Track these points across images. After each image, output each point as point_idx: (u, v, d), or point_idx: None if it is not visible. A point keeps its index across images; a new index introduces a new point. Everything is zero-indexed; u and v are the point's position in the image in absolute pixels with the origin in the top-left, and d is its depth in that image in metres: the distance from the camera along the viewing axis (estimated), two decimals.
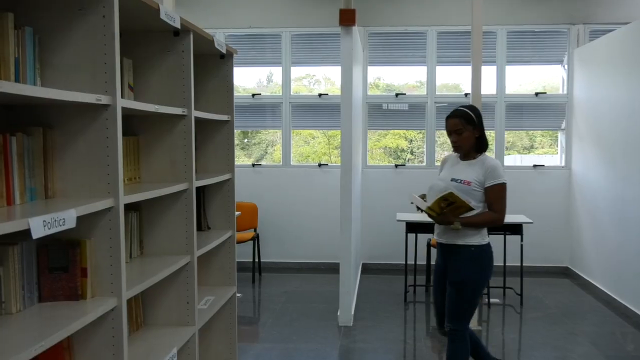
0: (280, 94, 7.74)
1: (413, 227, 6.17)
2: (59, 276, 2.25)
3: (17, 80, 2.09)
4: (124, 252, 2.39)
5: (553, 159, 8.09)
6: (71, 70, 2.29)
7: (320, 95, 7.70)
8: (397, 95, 7.68)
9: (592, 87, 6.96)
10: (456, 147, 3.57)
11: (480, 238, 3.55)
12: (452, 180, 3.51)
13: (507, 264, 6.46)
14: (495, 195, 3.47)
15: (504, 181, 3.46)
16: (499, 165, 3.50)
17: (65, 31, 2.27)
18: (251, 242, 7.12)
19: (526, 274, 6.91)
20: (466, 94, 7.56)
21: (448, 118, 3.55)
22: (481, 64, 5.21)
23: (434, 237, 3.71)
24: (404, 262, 6.33)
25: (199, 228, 3.63)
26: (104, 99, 2.25)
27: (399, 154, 8.25)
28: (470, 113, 3.52)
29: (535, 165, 7.66)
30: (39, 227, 1.82)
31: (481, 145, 3.56)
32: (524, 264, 6.34)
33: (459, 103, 7.66)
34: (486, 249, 3.58)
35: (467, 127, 3.50)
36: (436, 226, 3.63)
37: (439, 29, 7.56)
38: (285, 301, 6.26)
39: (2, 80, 1.98)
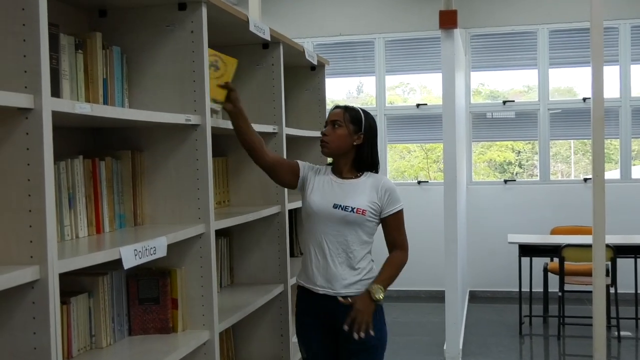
0: (374, 105, 7.73)
1: (527, 250, 5.96)
2: (149, 308, 2.31)
3: (105, 102, 2.18)
4: (216, 281, 2.42)
5: None
6: (158, 90, 2.36)
7: (418, 105, 7.63)
8: (504, 102, 7.50)
9: None
10: (322, 144, 2.84)
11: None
12: (336, 207, 2.77)
13: (639, 292, 6.11)
14: (398, 225, 2.87)
15: (402, 205, 2.87)
16: (395, 186, 2.89)
17: (153, 49, 2.35)
18: None
19: None
20: (584, 99, 7.28)
21: (334, 108, 2.93)
22: (603, 64, 4.99)
23: (303, 283, 2.86)
24: (517, 290, 6.12)
25: (292, 254, 3.65)
26: (193, 119, 2.30)
27: (505, 167, 8.03)
28: (362, 115, 2.87)
29: None
30: (131, 256, 1.88)
31: (365, 162, 2.86)
32: None
33: (575, 109, 7.39)
34: None
35: (348, 124, 2.82)
36: (312, 267, 2.80)
37: (551, 26, 7.33)
38: None
39: (92, 102, 2.07)
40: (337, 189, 2.81)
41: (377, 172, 2.89)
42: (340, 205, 2.76)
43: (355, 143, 2.82)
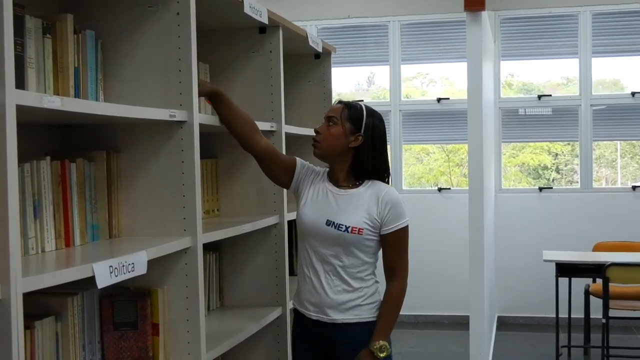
0: (387, 99, 7.75)
1: (566, 270, 5.94)
2: (126, 334, 2.32)
3: (77, 94, 2.19)
4: (203, 303, 2.43)
5: None
6: (138, 81, 2.38)
7: (439, 100, 7.65)
8: (540, 97, 7.51)
9: None
10: (314, 143, 2.82)
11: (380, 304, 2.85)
12: (329, 224, 2.74)
13: None
14: (400, 245, 2.80)
15: (408, 221, 2.80)
16: (400, 198, 2.82)
17: (133, 34, 2.37)
18: None
19: None
20: (633, 93, 7.29)
21: (336, 102, 2.91)
22: None
23: (297, 307, 2.89)
24: (553, 316, 6.11)
25: (291, 272, 3.65)
26: (178, 115, 2.32)
27: (540, 172, 8.04)
28: (363, 113, 2.80)
29: None
30: (105, 274, 1.89)
31: (364, 169, 2.80)
32: None
33: (622, 105, 7.39)
34: None
35: (345, 123, 2.77)
36: (305, 290, 2.83)
37: (594, 9, 7.34)
38: None
39: (61, 95, 2.08)
40: (332, 202, 2.79)
41: (385, 181, 2.85)
42: (334, 223, 2.74)
43: (351, 145, 2.78)
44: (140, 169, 2.39)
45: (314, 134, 2.81)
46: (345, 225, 2.72)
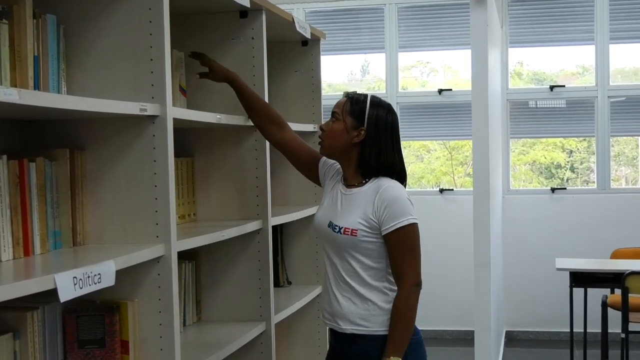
0: (383, 90, 7.76)
1: (581, 279, 5.97)
2: (92, 352, 2.31)
3: (36, 86, 2.18)
4: (178, 318, 2.43)
5: None
6: (105, 71, 2.38)
7: (440, 91, 7.67)
8: (552, 88, 7.53)
9: None
10: (319, 141, 2.94)
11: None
12: (330, 226, 2.83)
13: None
14: (400, 247, 2.78)
15: (414, 220, 2.79)
16: (400, 194, 2.80)
17: (99, 18, 2.36)
18: None
19: None
20: None
21: (343, 96, 2.94)
22: None
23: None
24: (567, 330, 6.14)
25: (277, 283, 3.66)
26: (149, 109, 2.31)
27: (553, 171, 8.07)
28: (366, 105, 2.84)
29: None
30: (69, 286, 1.88)
31: (368, 165, 2.85)
32: None
33: None
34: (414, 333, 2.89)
35: (346, 117, 2.82)
36: (322, 294, 3.03)
37: None
38: None
39: (19, 87, 2.08)
40: (338, 202, 2.89)
41: (399, 178, 2.87)
42: (332, 224, 2.83)
43: (354, 141, 2.83)
44: (107, 169, 2.38)
45: (317, 132, 2.87)
46: (339, 227, 2.80)
